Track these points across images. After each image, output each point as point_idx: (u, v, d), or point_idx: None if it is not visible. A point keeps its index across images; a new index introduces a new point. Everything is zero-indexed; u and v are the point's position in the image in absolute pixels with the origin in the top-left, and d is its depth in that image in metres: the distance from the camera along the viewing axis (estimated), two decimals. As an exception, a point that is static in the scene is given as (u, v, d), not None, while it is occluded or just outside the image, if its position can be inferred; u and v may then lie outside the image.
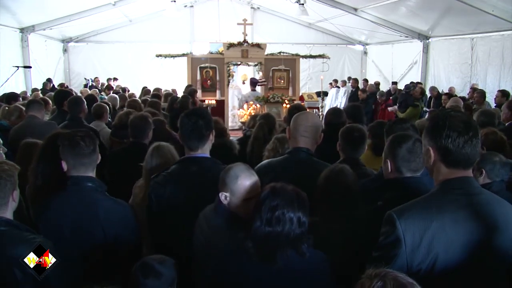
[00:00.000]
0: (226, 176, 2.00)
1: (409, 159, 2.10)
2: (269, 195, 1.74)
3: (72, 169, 2.20)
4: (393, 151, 2.13)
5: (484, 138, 3.57)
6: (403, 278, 1.19)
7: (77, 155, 2.18)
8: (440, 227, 1.57)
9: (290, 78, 9.91)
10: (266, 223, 1.70)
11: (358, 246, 1.95)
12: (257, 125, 4.31)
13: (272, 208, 1.70)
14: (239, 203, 1.97)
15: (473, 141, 1.60)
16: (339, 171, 2.28)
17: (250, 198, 1.94)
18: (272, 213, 1.70)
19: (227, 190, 1.98)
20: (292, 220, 1.70)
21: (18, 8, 9.59)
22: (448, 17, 10.14)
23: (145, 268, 1.86)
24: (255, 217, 1.73)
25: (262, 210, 1.72)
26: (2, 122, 4.73)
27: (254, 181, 2.01)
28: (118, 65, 14.23)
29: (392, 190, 2.10)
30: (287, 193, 1.75)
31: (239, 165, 2.05)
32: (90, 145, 2.20)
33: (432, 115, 1.81)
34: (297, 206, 1.72)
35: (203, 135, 2.44)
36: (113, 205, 2.25)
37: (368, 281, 1.20)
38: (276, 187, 1.77)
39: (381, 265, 1.51)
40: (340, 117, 3.92)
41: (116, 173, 3.48)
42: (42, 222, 2.20)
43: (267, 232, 1.69)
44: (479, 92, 7.62)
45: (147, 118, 3.70)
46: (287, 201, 1.72)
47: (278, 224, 1.69)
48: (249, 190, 1.97)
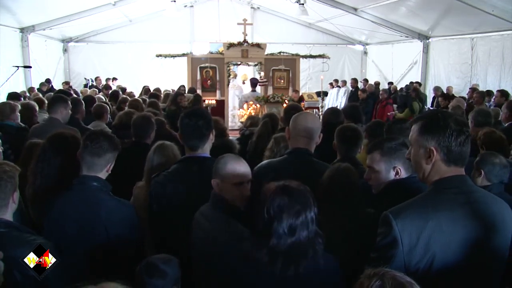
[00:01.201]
0: (217, 164, 2.07)
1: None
2: (286, 201, 1.57)
3: (84, 166, 2.25)
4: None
5: (484, 137, 3.57)
6: (402, 277, 1.20)
7: (92, 153, 2.23)
8: (437, 226, 1.57)
9: (290, 78, 9.91)
10: (289, 233, 1.55)
11: (360, 245, 1.95)
12: (261, 123, 4.33)
13: (296, 214, 1.56)
14: (229, 188, 2.02)
15: (469, 139, 1.65)
16: (343, 170, 2.28)
17: (239, 183, 2.01)
18: (295, 220, 1.55)
19: (218, 177, 2.04)
20: (313, 219, 1.60)
21: (18, 8, 9.59)
22: (448, 17, 10.14)
23: (150, 267, 1.87)
24: (272, 229, 1.56)
25: (283, 219, 1.55)
26: (8, 123, 4.72)
27: (243, 166, 2.06)
28: (118, 65, 14.23)
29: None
30: (301, 192, 1.62)
31: (229, 154, 2.14)
32: (107, 146, 2.26)
33: (424, 115, 1.80)
34: (312, 201, 1.62)
35: (203, 134, 2.45)
36: (117, 205, 2.27)
37: (366, 281, 1.21)
38: (288, 189, 1.62)
39: (379, 266, 1.52)
40: (338, 117, 3.93)
41: (118, 173, 3.48)
42: (46, 221, 2.22)
43: (290, 243, 1.55)
44: (478, 92, 7.62)
45: (150, 118, 3.71)
46: (306, 200, 1.60)
47: (303, 229, 1.57)
48: (238, 175, 2.02)
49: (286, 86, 9.90)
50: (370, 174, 2.14)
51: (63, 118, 4.10)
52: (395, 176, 2.08)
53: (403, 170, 2.07)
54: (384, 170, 2.08)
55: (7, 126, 4.63)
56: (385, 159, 2.08)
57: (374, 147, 2.15)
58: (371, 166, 2.12)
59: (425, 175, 1.70)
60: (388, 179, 2.08)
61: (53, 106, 4.14)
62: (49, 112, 4.21)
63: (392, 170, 2.07)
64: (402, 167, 2.07)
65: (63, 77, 13.91)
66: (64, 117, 4.11)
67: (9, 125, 4.76)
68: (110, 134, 2.43)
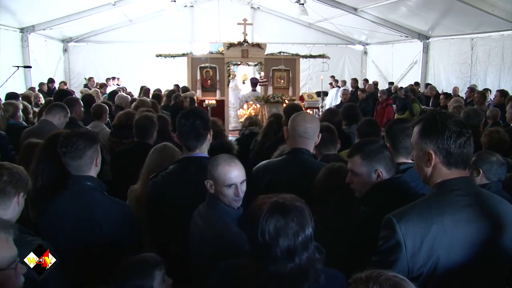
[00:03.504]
0: (210, 165, 2.06)
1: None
2: (282, 222, 1.41)
3: (72, 169, 2.22)
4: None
5: (483, 137, 3.58)
6: (396, 276, 1.17)
7: (72, 157, 2.19)
8: (441, 229, 1.55)
9: (290, 78, 9.90)
10: (288, 257, 1.40)
11: (356, 245, 1.96)
12: (267, 123, 4.34)
13: (294, 235, 1.41)
14: (221, 190, 2.02)
15: (470, 140, 1.62)
16: (337, 170, 2.28)
17: (231, 185, 1.99)
18: (294, 242, 1.41)
19: (211, 178, 2.04)
20: (311, 235, 1.46)
21: (18, 8, 9.59)
22: (448, 17, 10.14)
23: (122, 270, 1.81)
24: (269, 255, 1.41)
25: (280, 243, 1.39)
26: (11, 122, 4.74)
27: (235, 168, 2.03)
28: (118, 65, 14.22)
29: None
30: (297, 209, 1.45)
31: (223, 155, 2.11)
32: (83, 145, 2.19)
33: (423, 117, 1.78)
34: (310, 216, 1.47)
35: (200, 134, 2.45)
36: (112, 204, 2.26)
37: (362, 286, 1.15)
38: (283, 208, 1.44)
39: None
40: (335, 117, 3.95)
41: (121, 173, 3.49)
42: (42, 221, 2.22)
43: (290, 268, 1.41)
44: (479, 92, 7.61)
45: (152, 118, 3.71)
46: (303, 218, 1.44)
47: (303, 252, 1.43)
48: (230, 177, 2.00)
49: (286, 86, 9.88)
50: (352, 178, 2.11)
51: (58, 124, 4.07)
52: (377, 179, 2.05)
53: (384, 172, 2.05)
54: (366, 174, 2.05)
55: (12, 126, 4.65)
56: (366, 162, 2.05)
57: (355, 150, 2.11)
58: (353, 169, 2.09)
59: (427, 178, 1.68)
60: (370, 183, 2.06)
61: (52, 111, 4.14)
62: (46, 114, 4.19)
63: (374, 173, 2.05)
64: (383, 170, 2.04)
65: (63, 77, 13.88)
66: (60, 124, 4.08)
67: (13, 124, 4.78)
68: (81, 130, 2.34)
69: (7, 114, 4.88)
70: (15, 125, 4.77)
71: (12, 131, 4.40)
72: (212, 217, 2.05)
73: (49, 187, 2.42)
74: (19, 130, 4.37)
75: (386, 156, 2.07)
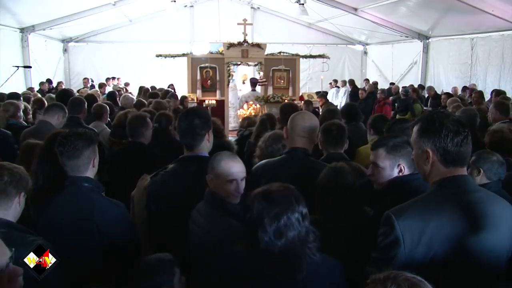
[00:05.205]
0: (212, 160, 2.13)
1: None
2: (265, 206, 1.59)
3: (68, 170, 2.22)
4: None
5: (486, 136, 3.57)
6: (414, 277, 1.16)
7: (69, 157, 2.18)
8: (439, 227, 1.58)
9: (290, 78, 9.90)
10: (276, 237, 1.55)
11: (359, 245, 1.96)
12: (259, 123, 4.32)
13: (276, 216, 1.56)
14: (222, 184, 2.07)
15: (468, 139, 1.65)
16: (340, 169, 2.28)
17: (232, 180, 2.06)
18: (277, 223, 1.56)
19: (212, 173, 2.09)
20: (299, 219, 1.59)
21: (18, 8, 9.60)
22: (448, 17, 10.14)
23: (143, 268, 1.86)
24: (258, 236, 1.57)
25: (265, 225, 1.56)
26: (12, 122, 4.73)
27: (237, 164, 2.11)
28: (118, 65, 14.24)
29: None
30: (280, 194, 1.62)
31: (225, 152, 2.19)
32: (81, 145, 2.17)
33: (422, 117, 1.80)
34: (295, 201, 1.62)
35: (196, 134, 2.45)
36: (109, 205, 2.25)
37: (380, 286, 1.15)
38: (267, 193, 1.63)
39: (381, 266, 1.52)
40: (334, 116, 3.95)
41: (115, 173, 3.49)
42: (40, 222, 2.21)
43: (280, 246, 1.56)
44: (477, 92, 7.60)
45: (145, 118, 3.66)
46: (286, 202, 1.60)
47: (289, 231, 1.57)
48: (232, 172, 2.07)
49: (286, 86, 9.89)
50: (373, 170, 2.15)
51: (57, 124, 4.04)
52: (398, 173, 2.10)
53: (406, 167, 2.09)
54: (389, 167, 2.10)
55: (11, 126, 4.64)
56: (390, 156, 2.10)
57: (379, 143, 2.16)
58: (376, 162, 2.13)
59: (426, 175, 1.72)
60: (391, 176, 2.10)
61: (51, 111, 4.11)
62: (44, 115, 4.17)
63: (396, 167, 2.09)
64: (405, 165, 2.09)
65: (63, 77, 13.91)
66: (59, 124, 4.05)
67: (13, 124, 4.78)
68: (80, 130, 2.32)
69: (7, 114, 4.88)
70: (14, 125, 4.76)
71: (12, 131, 4.39)
72: (213, 214, 2.07)
73: (49, 186, 2.43)
74: (18, 130, 4.37)
75: (409, 152, 2.08)
